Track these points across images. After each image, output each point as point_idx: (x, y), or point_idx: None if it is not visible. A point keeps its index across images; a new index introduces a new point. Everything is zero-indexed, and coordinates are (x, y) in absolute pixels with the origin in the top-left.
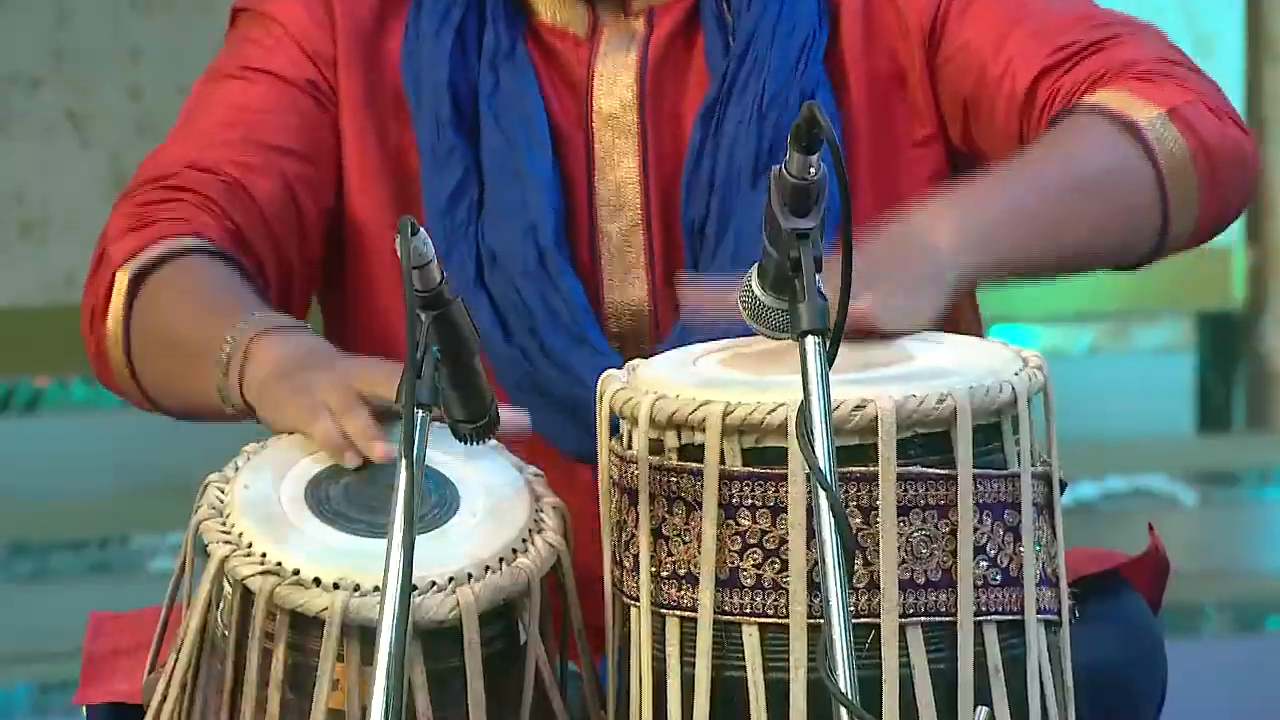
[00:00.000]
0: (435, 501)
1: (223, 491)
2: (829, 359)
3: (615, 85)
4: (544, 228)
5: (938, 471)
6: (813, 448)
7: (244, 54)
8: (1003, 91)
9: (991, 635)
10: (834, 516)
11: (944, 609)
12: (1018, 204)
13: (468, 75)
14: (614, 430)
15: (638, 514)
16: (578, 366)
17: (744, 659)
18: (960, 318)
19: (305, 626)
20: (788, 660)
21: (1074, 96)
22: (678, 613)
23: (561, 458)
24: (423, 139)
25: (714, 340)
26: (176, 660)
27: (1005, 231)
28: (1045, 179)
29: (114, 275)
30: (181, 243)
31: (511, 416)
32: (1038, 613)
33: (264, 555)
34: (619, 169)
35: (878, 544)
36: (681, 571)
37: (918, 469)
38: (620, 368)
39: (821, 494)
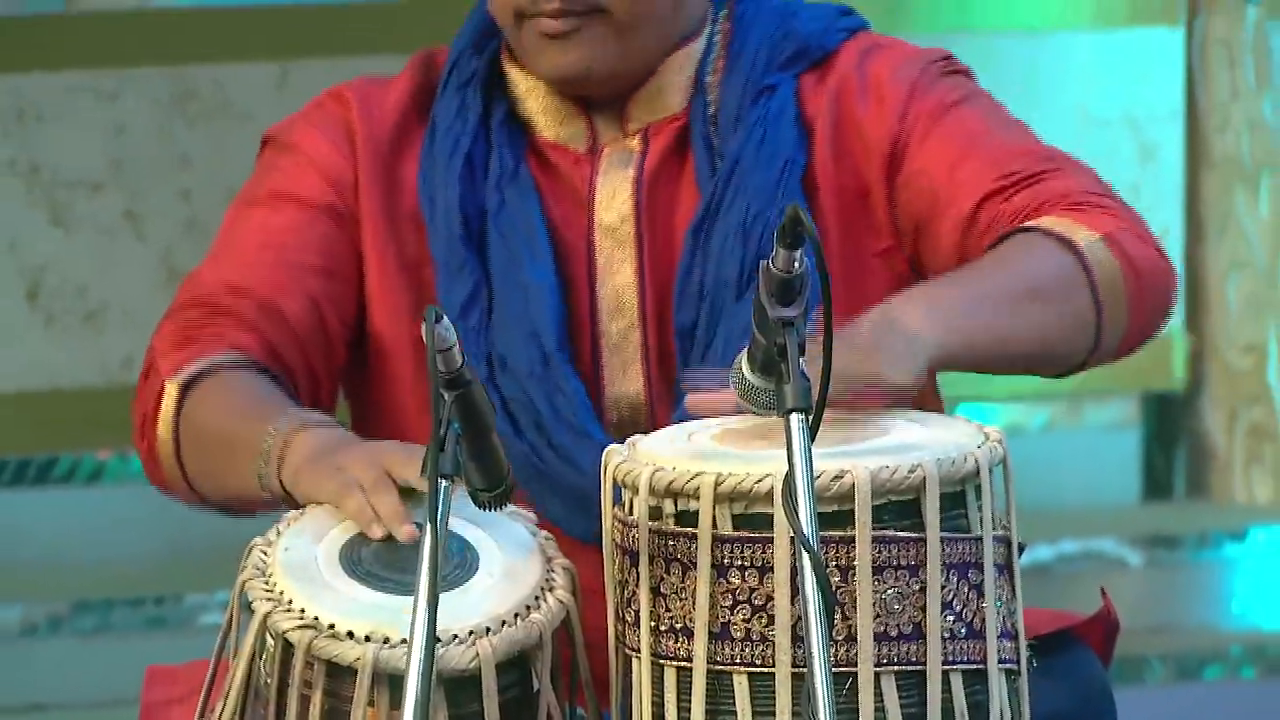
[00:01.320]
0: (457, 562)
1: (265, 554)
2: (811, 434)
3: (614, 200)
4: (547, 333)
5: (909, 535)
6: (797, 514)
7: (271, 180)
8: (950, 213)
9: (958, 683)
10: (816, 575)
11: (915, 659)
12: (977, 303)
13: (476, 196)
14: (617, 498)
15: (638, 574)
16: (581, 459)
17: (735, 704)
18: (925, 398)
19: (340, 675)
20: (774, 705)
21: (1017, 220)
22: (675, 663)
23: (566, 539)
24: (437, 254)
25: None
26: (224, 706)
27: (966, 324)
28: (999, 284)
29: (163, 386)
30: (223, 357)
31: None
32: (999, 662)
33: (303, 611)
34: (618, 275)
35: (855, 600)
36: (678, 625)
37: (891, 533)
38: None
39: (805, 555)
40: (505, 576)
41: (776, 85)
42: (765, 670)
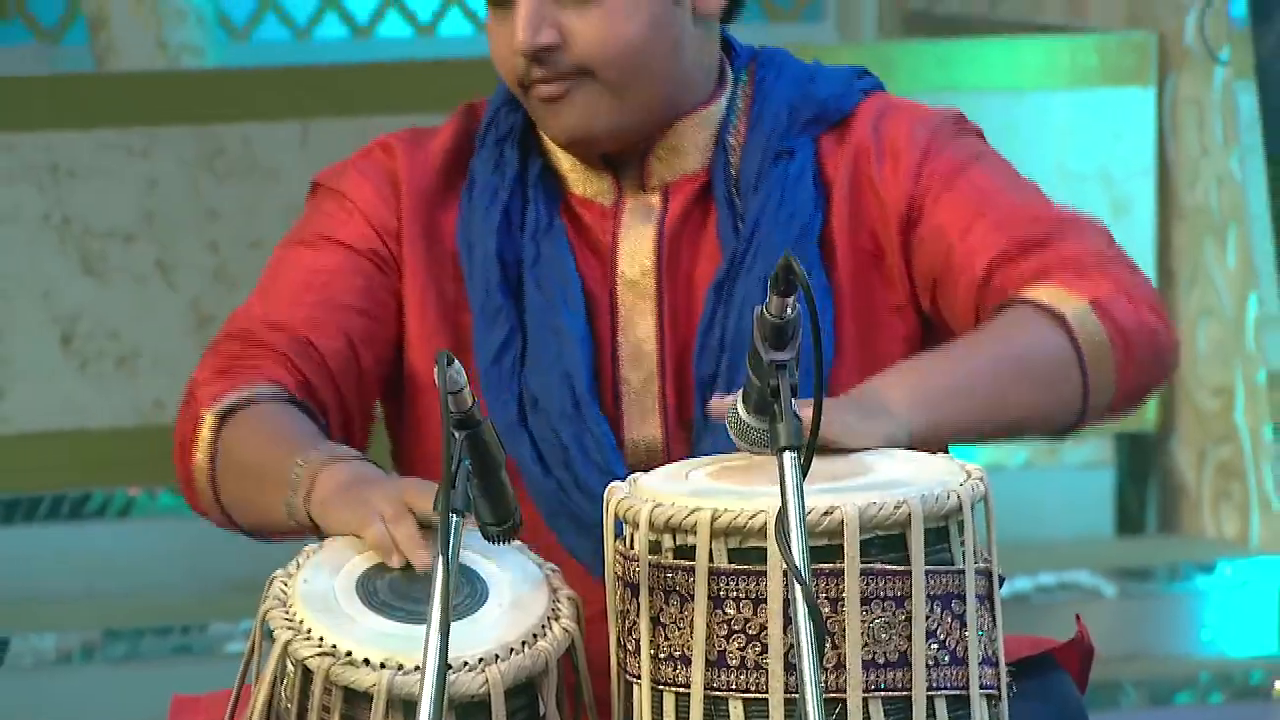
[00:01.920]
0: (467, 593)
1: (286, 585)
2: (803, 472)
3: (636, 254)
4: (578, 377)
5: (895, 568)
6: (789, 548)
7: (318, 224)
8: (965, 274)
9: (941, 708)
10: (807, 606)
11: (901, 685)
12: (961, 379)
13: (513, 246)
14: (618, 532)
15: (639, 604)
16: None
17: None
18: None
19: (356, 700)
20: None
21: (1023, 284)
22: (673, 689)
23: (589, 577)
24: (474, 300)
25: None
26: None
27: (949, 401)
28: (985, 360)
29: (201, 415)
30: (258, 390)
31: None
32: (981, 688)
33: (321, 639)
34: (639, 328)
35: (844, 630)
36: (676, 654)
37: (878, 566)
38: None
39: (797, 587)
40: (513, 606)
41: (795, 148)
42: (760, 696)
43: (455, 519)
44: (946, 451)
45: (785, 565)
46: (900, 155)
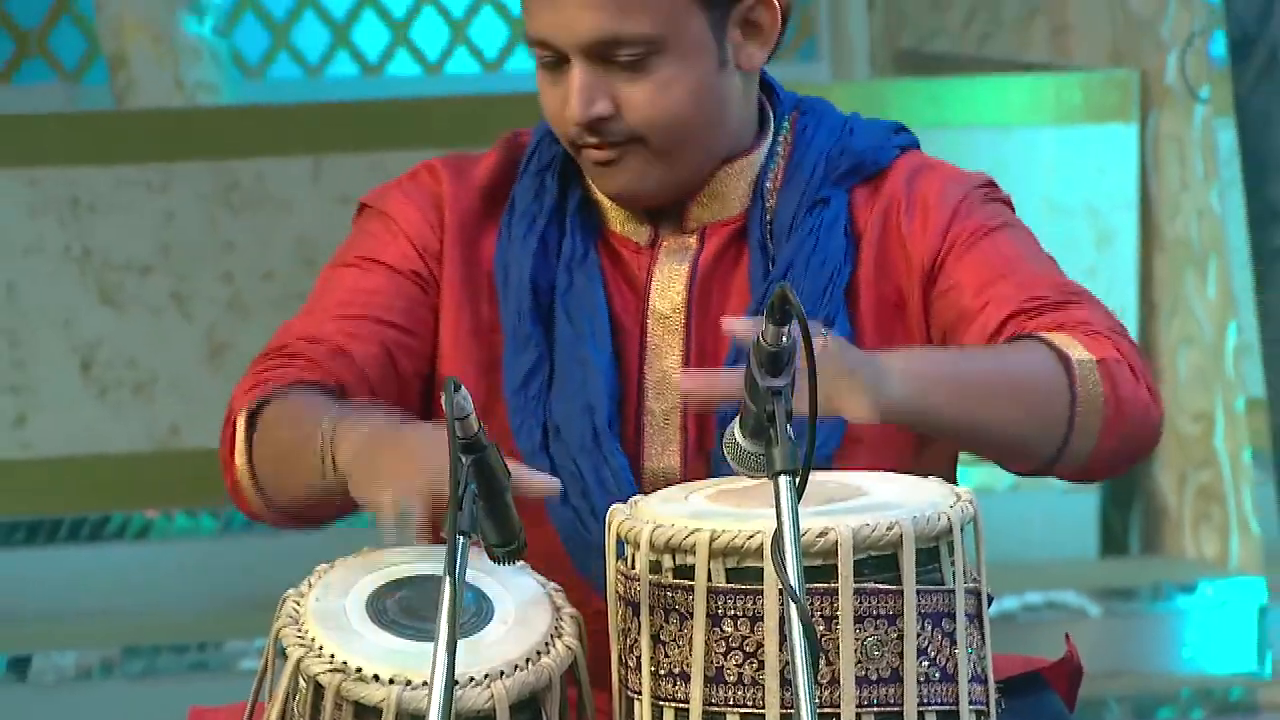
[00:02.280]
0: (473, 612)
1: (298, 604)
2: (798, 494)
3: (669, 290)
4: (600, 409)
5: (887, 587)
6: (785, 568)
7: (363, 245)
8: (976, 325)
9: None
10: (802, 624)
11: (893, 701)
12: (956, 374)
13: (547, 274)
14: (620, 553)
15: (640, 623)
16: None
17: None
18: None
19: (366, 715)
20: None
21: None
22: (673, 704)
23: (600, 600)
24: (507, 324)
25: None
26: None
27: (940, 386)
28: (983, 366)
29: (235, 421)
30: (284, 386)
31: (543, 481)
32: (970, 704)
33: (332, 656)
34: (666, 360)
35: (838, 647)
36: (676, 670)
37: (871, 585)
38: None
39: (792, 606)
40: (517, 624)
41: (830, 198)
42: (756, 712)
43: (462, 540)
44: (954, 467)
45: (781, 584)
46: (930, 212)
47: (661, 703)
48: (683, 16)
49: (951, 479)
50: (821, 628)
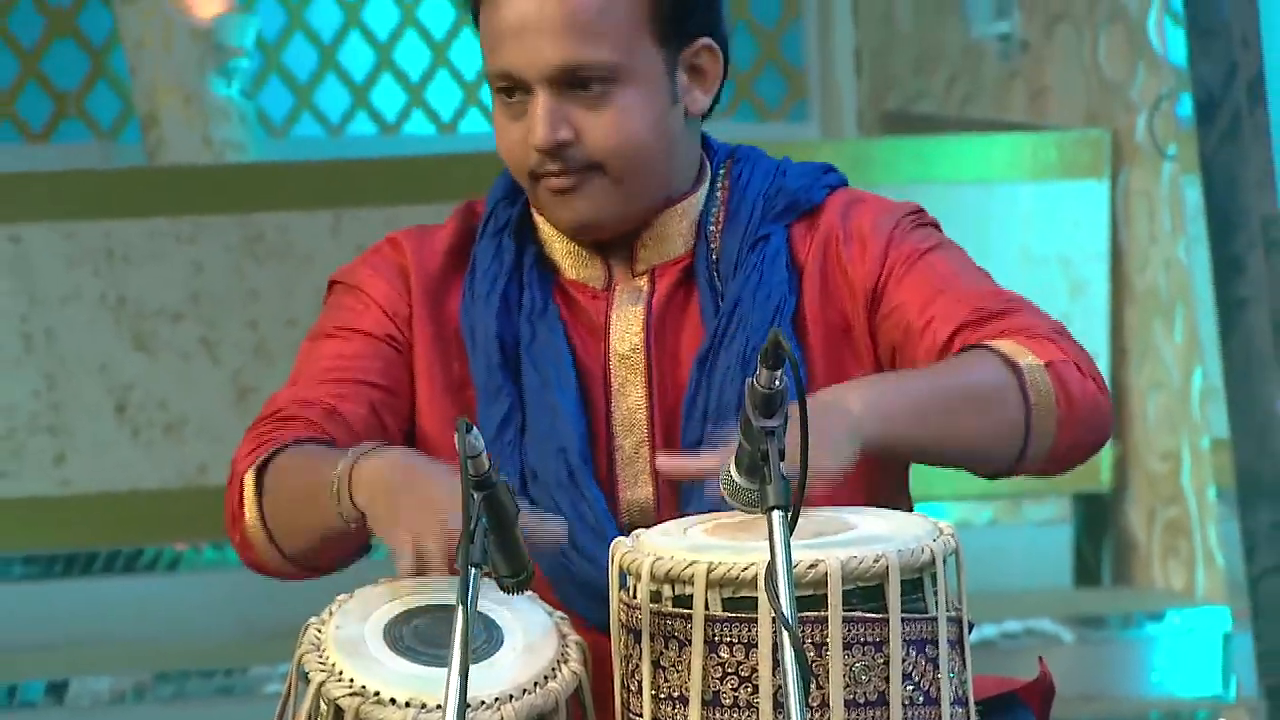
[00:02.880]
0: (484, 639)
1: (319, 632)
2: (790, 529)
3: (627, 333)
4: (572, 449)
5: (874, 616)
6: (778, 597)
7: (339, 316)
8: (924, 341)
9: None
10: (794, 651)
11: None
12: (916, 395)
13: (511, 329)
14: (622, 584)
15: (641, 649)
16: (601, 558)
17: None
18: (895, 498)
19: None
20: None
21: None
22: None
23: (587, 627)
24: (477, 378)
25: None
26: None
27: (903, 414)
28: (940, 384)
29: (242, 479)
30: (287, 442)
31: (551, 527)
32: None
33: (351, 680)
34: (630, 398)
35: (828, 672)
36: (675, 694)
37: (858, 614)
38: None
39: (785, 633)
40: (526, 651)
41: (770, 234)
42: None
43: (474, 571)
44: (908, 496)
45: (774, 613)
46: (867, 241)
47: None
48: (640, 50)
49: (904, 493)
50: (812, 654)
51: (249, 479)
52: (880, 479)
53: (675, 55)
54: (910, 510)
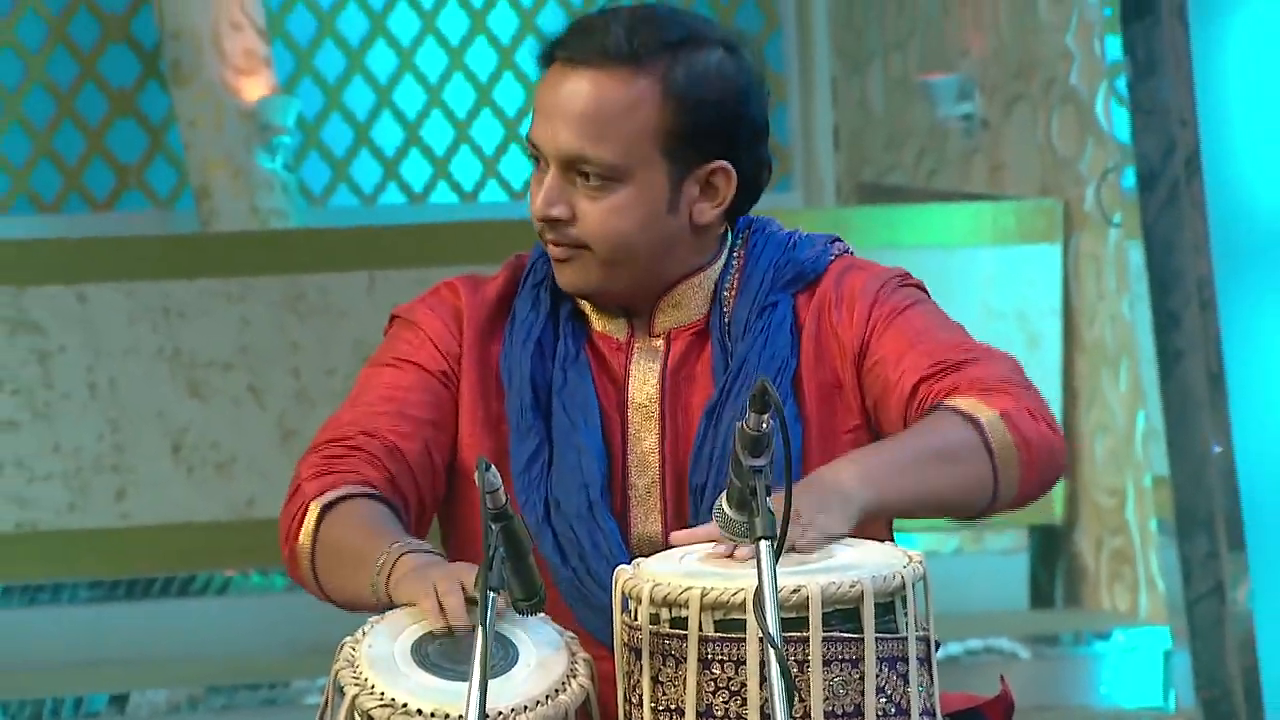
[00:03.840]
0: (501, 655)
1: (354, 649)
2: (775, 557)
3: (644, 385)
4: (593, 486)
5: (850, 635)
6: (765, 619)
7: (397, 348)
8: (895, 394)
9: None
10: (779, 668)
11: None
12: (897, 464)
13: (544, 373)
14: (624, 607)
15: (641, 666)
16: (613, 585)
17: None
18: (878, 532)
19: None
20: None
21: (941, 397)
22: None
23: (598, 645)
24: (511, 417)
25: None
26: None
27: (888, 480)
28: (917, 451)
29: (307, 506)
30: (355, 489)
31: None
32: None
33: (383, 694)
34: (644, 443)
35: (809, 686)
36: (672, 706)
37: (836, 634)
38: None
39: (771, 651)
40: (539, 666)
41: (778, 302)
42: None
43: (492, 595)
44: (890, 530)
45: (762, 633)
46: (855, 303)
47: None
48: (646, 159)
49: (890, 534)
50: (795, 670)
51: (314, 510)
52: (870, 522)
53: (685, 171)
54: (890, 539)
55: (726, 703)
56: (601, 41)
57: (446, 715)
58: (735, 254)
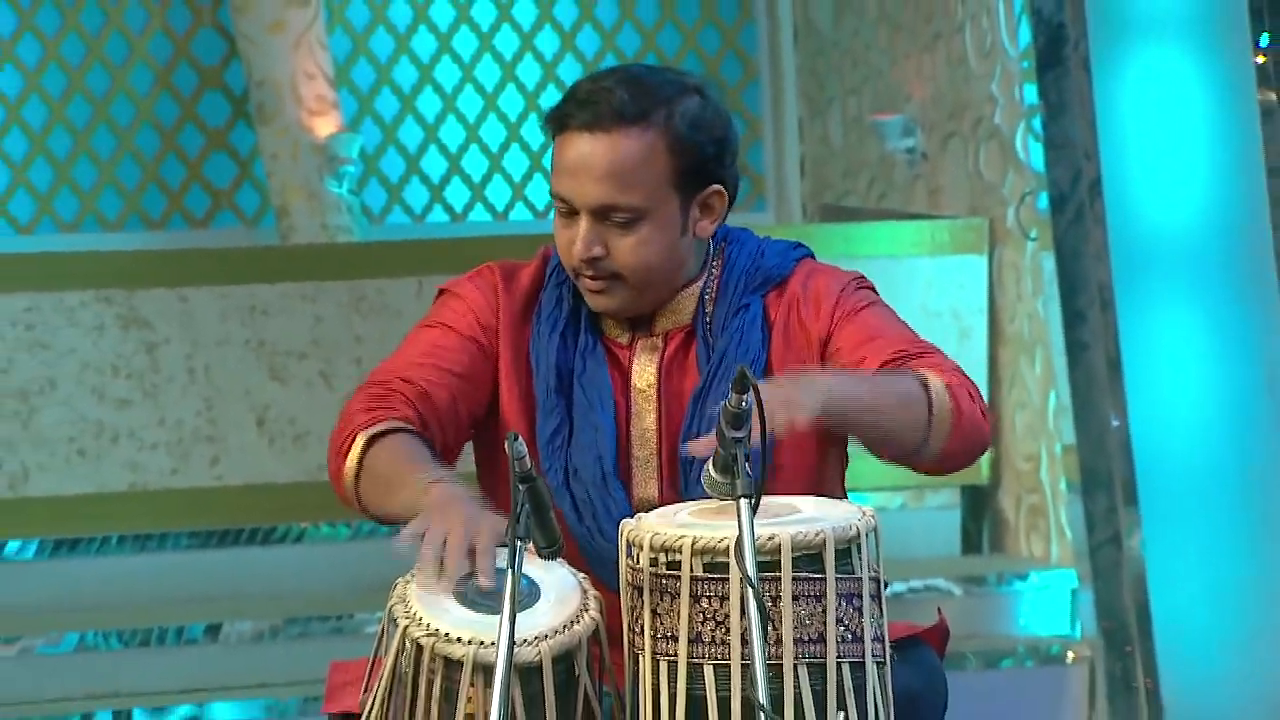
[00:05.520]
0: (527, 593)
1: (405, 588)
2: (752, 512)
3: (644, 374)
4: (607, 457)
5: (814, 576)
6: (744, 562)
7: (442, 315)
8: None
9: (845, 670)
10: (756, 602)
11: (818, 655)
12: (860, 383)
13: (567, 360)
14: (628, 553)
15: (643, 601)
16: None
17: (704, 685)
18: (834, 488)
19: (452, 666)
20: (730, 685)
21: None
22: (666, 658)
23: (605, 589)
24: (539, 395)
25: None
26: (379, 687)
27: (850, 391)
28: (875, 383)
29: (356, 434)
30: (396, 424)
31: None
32: (873, 657)
33: (429, 625)
34: (645, 421)
35: (780, 617)
36: (669, 634)
37: (803, 574)
38: None
39: (749, 589)
40: (558, 602)
41: (750, 304)
42: (724, 663)
43: (519, 544)
44: (844, 490)
45: (741, 574)
46: (821, 302)
47: (658, 657)
48: (664, 197)
49: (841, 485)
50: (769, 604)
51: (361, 440)
52: (825, 473)
53: (690, 198)
54: (845, 498)
55: (713, 631)
56: (609, 106)
57: (482, 642)
58: (714, 264)
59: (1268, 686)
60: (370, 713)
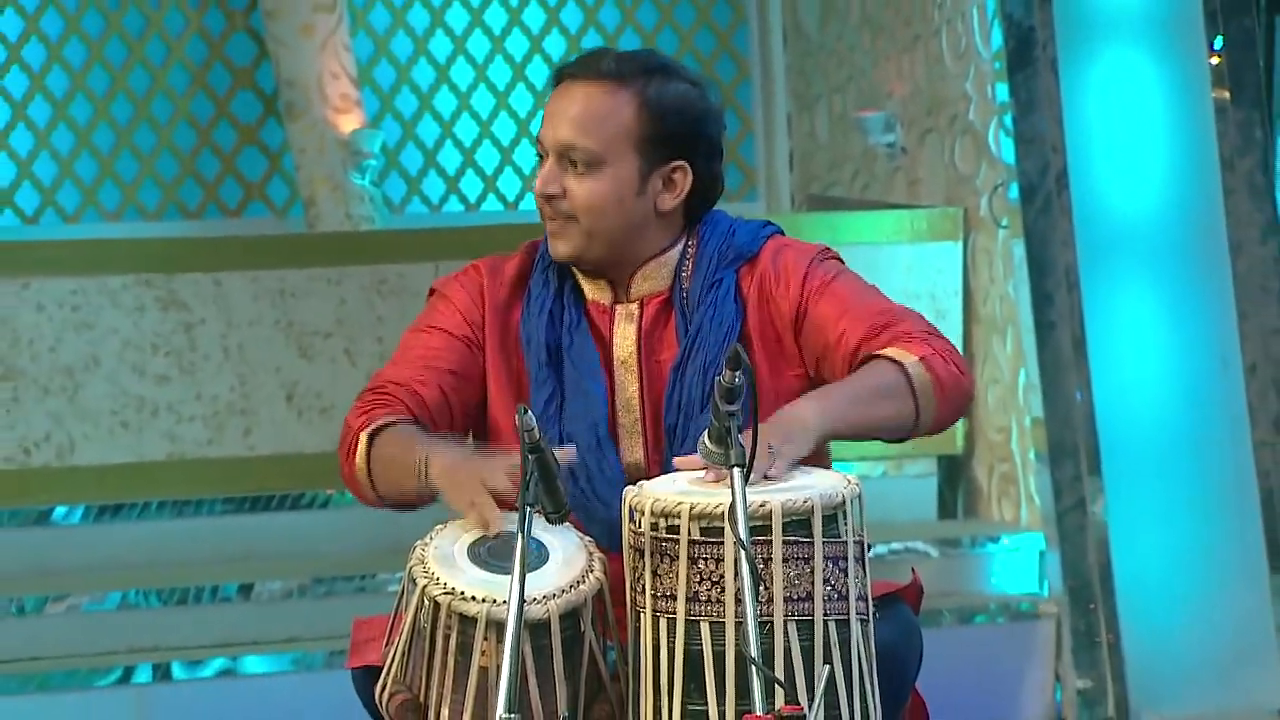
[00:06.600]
0: (536, 555)
1: (423, 550)
2: (745, 479)
3: (624, 343)
4: (600, 424)
5: (803, 540)
6: (738, 527)
7: (432, 317)
8: (840, 349)
9: (832, 627)
10: (748, 563)
11: (807, 613)
12: (845, 401)
13: (555, 336)
14: (631, 518)
15: (644, 563)
16: (613, 502)
17: (701, 640)
18: (821, 459)
19: (467, 623)
20: (724, 640)
21: (874, 351)
22: (665, 615)
23: (604, 550)
24: (530, 370)
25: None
26: (399, 641)
27: (839, 411)
28: (857, 391)
29: (359, 436)
30: (390, 418)
31: (565, 452)
32: (856, 615)
33: (445, 584)
34: (627, 391)
35: (772, 578)
36: (668, 593)
37: (792, 538)
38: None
39: (742, 552)
40: (564, 563)
41: (723, 278)
42: (719, 620)
43: (529, 509)
44: (829, 460)
45: (735, 538)
46: (790, 276)
47: (658, 614)
48: (620, 152)
49: (827, 456)
50: (761, 566)
51: (364, 439)
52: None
53: (651, 166)
54: (829, 467)
55: (709, 590)
56: (596, 65)
57: (494, 600)
58: (690, 242)
59: (1219, 638)
60: (391, 665)
